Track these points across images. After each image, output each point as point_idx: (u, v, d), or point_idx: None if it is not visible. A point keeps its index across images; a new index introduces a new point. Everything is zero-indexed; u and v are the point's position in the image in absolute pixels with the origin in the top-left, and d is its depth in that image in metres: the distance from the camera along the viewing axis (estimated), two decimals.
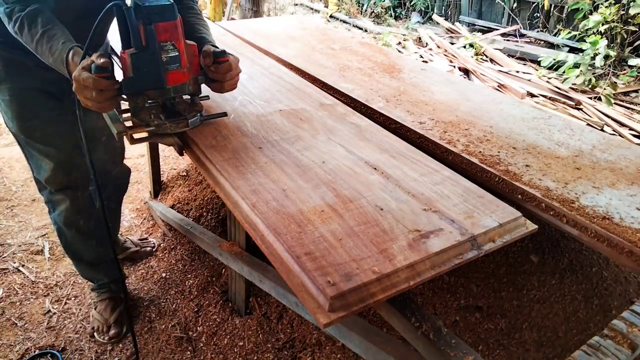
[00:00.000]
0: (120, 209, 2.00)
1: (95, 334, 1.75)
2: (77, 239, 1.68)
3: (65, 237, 1.69)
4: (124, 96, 1.14)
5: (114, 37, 1.44)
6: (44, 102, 1.47)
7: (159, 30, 1.06)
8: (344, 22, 7.50)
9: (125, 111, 1.21)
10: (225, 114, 1.32)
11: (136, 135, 1.21)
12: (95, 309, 1.80)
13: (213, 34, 1.41)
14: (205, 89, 1.28)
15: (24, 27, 1.15)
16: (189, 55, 1.16)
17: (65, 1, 1.28)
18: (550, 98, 4.44)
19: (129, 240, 2.17)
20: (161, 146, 2.95)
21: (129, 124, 1.20)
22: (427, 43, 5.97)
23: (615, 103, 4.31)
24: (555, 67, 5.03)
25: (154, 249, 2.18)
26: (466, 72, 4.99)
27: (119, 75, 1.11)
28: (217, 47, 1.24)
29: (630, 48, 4.95)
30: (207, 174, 1.14)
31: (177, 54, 1.11)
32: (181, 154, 1.25)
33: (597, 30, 4.67)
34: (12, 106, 1.44)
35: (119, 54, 1.14)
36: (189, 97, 1.26)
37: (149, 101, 1.18)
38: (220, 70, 1.21)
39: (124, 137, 1.19)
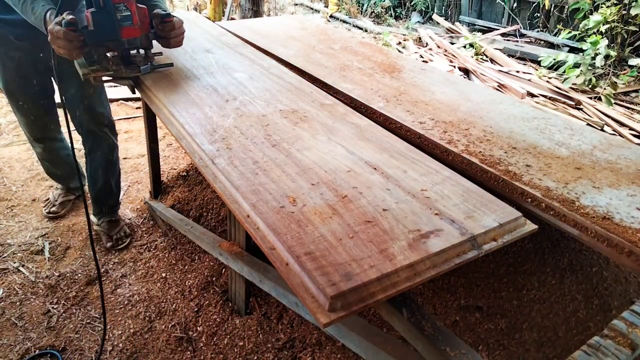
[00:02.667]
0: (110, 182, 2.22)
1: (43, 203, 2.45)
2: (49, 169, 2.33)
3: (39, 160, 2.30)
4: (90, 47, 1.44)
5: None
6: (22, 70, 1.86)
7: None
8: (344, 22, 7.50)
9: (93, 63, 1.53)
10: (171, 64, 1.67)
11: (98, 78, 1.52)
12: (54, 191, 2.47)
13: (213, 33, 1.53)
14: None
15: None
16: (140, 15, 1.47)
17: None
18: (550, 98, 4.44)
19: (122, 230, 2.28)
20: (161, 146, 2.95)
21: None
22: (427, 43, 5.97)
23: (615, 103, 4.31)
24: (555, 67, 5.03)
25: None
26: (466, 72, 4.99)
27: None
28: (165, 10, 1.57)
29: (630, 48, 4.95)
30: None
31: (129, 13, 1.42)
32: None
33: (598, 30, 4.67)
34: None
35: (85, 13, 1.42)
36: (143, 51, 1.59)
37: (109, 53, 1.51)
38: (166, 28, 1.54)
39: (90, 78, 1.50)
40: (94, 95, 1.98)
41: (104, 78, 1.55)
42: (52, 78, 1.96)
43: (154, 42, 1.59)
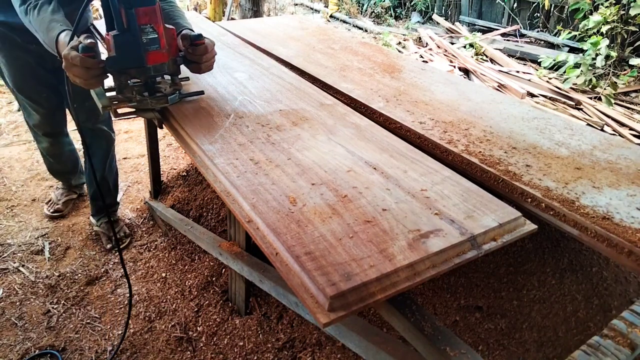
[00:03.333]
0: (108, 181, 2.26)
1: (46, 204, 2.44)
2: (52, 166, 2.34)
3: (43, 156, 2.31)
4: (110, 75, 1.25)
5: (100, 22, 1.66)
6: (31, 69, 1.87)
7: (140, 13, 1.17)
8: (344, 22, 7.50)
9: (112, 90, 1.32)
10: (202, 92, 1.45)
11: (120, 110, 1.35)
12: (56, 191, 2.47)
13: (213, 33, 1.47)
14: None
15: (35, 10, 1.35)
16: (167, 37, 1.27)
17: None
18: (550, 98, 4.44)
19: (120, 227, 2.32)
20: (161, 146, 2.95)
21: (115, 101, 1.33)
22: (427, 43, 5.97)
23: (615, 103, 4.31)
24: (555, 67, 5.03)
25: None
26: (466, 72, 4.99)
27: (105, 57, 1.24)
28: (193, 31, 1.38)
29: (630, 48, 4.95)
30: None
31: (156, 36, 1.22)
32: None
33: (598, 31, 4.67)
34: (7, 68, 1.88)
35: (104, 36, 1.26)
36: (169, 77, 1.40)
37: (132, 80, 1.31)
38: (197, 52, 1.34)
39: (109, 111, 1.33)
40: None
41: (126, 110, 1.37)
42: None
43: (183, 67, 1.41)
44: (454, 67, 5.03)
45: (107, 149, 2.20)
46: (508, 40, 6.25)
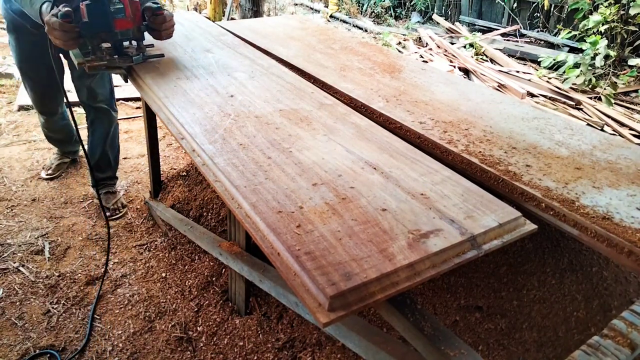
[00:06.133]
0: (108, 154, 2.49)
1: (42, 169, 2.75)
2: (47, 134, 2.65)
3: (42, 129, 2.63)
4: (85, 38, 1.54)
5: None
6: (32, 52, 2.14)
7: None
8: (344, 22, 7.50)
9: (88, 54, 1.62)
10: (162, 55, 1.75)
11: (93, 68, 1.61)
12: (52, 156, 2.80)
13: (213, 33, 1.67)
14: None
15: None
16: (132, 8, 1.56)
17: None
18: (550, 98, 4.44)
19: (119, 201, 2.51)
20: (161, 146, 2.95)
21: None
22: (427, 43, 5.97)
23: (615, 103, 4.31)
24: (555, 67, 5.03)
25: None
26: (466, 72, 4.99)
27: None
28: (156, 4, 1.67)
29: (630, 48, 4.95)
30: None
31: (122, 6, 1.52)
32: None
33: (597, 30, 4.67)
34: (13, 48, 2.19)
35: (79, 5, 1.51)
36: (135, 43, 1.69)
37: (103, 44, 1.61)
38: (157, 21, 1.66)
39: (84, 67, 1.60)
40: (96, 79, 2.28)
41: (99, 66, 1.66)
42: (62, 61, 2.24)
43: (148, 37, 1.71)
44: (454, 67, 5.03)
45: (109, 127, 2.44)
46: (508, 40, 6.25)
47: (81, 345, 1.72)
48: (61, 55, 2.14)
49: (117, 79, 2.37)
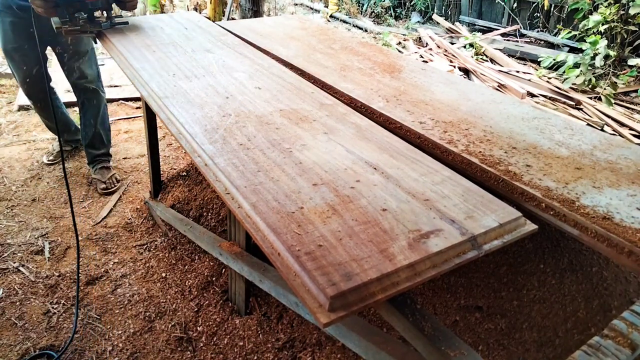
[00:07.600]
0: (101, 132, 2.71)
1: (45, 154, 2.94)
2: (46, 123, 2.81)
3: (40, 117, 2.82)
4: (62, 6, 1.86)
5: None
6: (18, 35, 2.32)
7: None
8: (344, 22, 7.50)
9: (66, 22, 1.92)
10: (127, 23, 2.11)
11: (69, 31, 1.91)
12: (54, 143, 2.99)
13: (213, 33, 1.73)
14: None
15: None
16: None
17: None
18: (550, 98, 4.44)
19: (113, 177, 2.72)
20: (161, 146, 2.95)
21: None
22: (427, 43, 5.97)
23: (615, 103, 4.31)
24: (555, 67, 5.03)
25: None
26: (466, 72, 4.99)
27: None
28: None
29: (630, 48, 4.95)
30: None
31: None
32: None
33: (597, 30, 4.67)
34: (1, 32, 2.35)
35: None
36: (105, 12, 2.01)
37: (78, 12, 1.90)
38: None
39: (62, 31, 1.89)
40: (84, 61, 2.53)
41: (74, 30, 1.96)
42: (49, 48, 2.51)
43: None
44: (454, 67, 5.03)
45: (98, 106, 2.69)
46: (508, 40, 6.25)
47: (68, 340, 1.72)
48: (48, 46, 2.44)
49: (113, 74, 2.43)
